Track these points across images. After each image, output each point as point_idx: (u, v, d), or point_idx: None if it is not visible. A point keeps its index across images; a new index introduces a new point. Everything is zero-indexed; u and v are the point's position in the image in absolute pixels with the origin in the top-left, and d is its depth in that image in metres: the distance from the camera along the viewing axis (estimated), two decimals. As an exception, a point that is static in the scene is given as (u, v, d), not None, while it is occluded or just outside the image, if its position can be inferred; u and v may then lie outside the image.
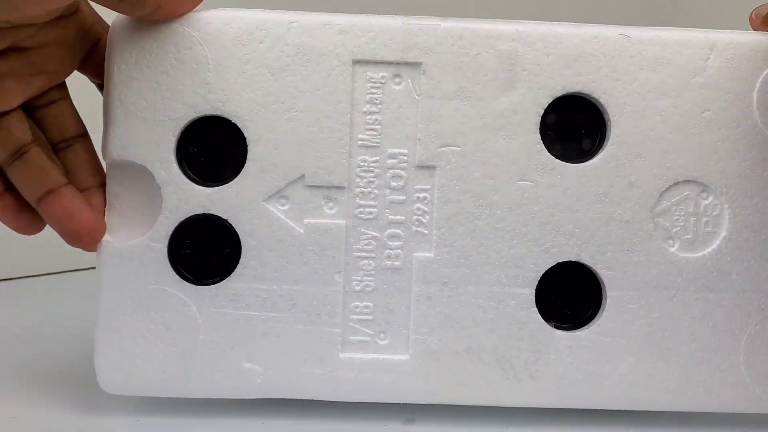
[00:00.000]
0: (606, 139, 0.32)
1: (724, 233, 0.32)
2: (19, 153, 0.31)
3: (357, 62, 0.31)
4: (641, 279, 0.32)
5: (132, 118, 0.31)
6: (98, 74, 0.33)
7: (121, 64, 0.31)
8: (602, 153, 0.32)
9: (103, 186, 0.33)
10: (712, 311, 0.32)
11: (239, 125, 0.31)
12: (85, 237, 0.31)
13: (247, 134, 0.31)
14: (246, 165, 0.31)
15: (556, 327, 0.32)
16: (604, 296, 0.32)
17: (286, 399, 0.32)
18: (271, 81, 0.31)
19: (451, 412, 0.33)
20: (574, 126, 0.32)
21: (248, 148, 0.31)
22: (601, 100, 0.32)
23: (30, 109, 0.32)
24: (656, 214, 0.32)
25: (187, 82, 0.31)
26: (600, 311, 0.32)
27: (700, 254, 0.32)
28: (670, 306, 0.32)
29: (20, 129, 0.31)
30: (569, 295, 0.32)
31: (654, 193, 0.32)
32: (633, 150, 0.32)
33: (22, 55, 0.30)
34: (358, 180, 0.32)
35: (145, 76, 0.31)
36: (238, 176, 0.31)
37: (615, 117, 0.32)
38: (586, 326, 0.32)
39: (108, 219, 0.32)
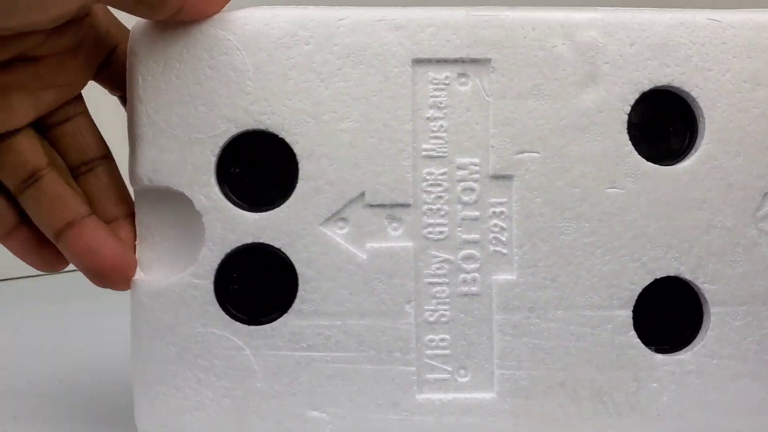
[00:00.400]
0: (699, 137, 0.28)
1: (834, 236, 0.29)
2: (32, 179, 0.27)
3: (417, 62, 0.28)
4: (747, 292, 0.28)
5: (163, 137, 0.27)
6: (117, 85, 0.29)
7: (146, 75, 0.27)
8: (697, 153, 0.28)
9: (131, 216, 0.28)
10: (827, 324, 0.28)
11: (287, 140, 0.27)
12: (112, 276, 0.27)
13: (297, 150, 0.27)
14: (297, 185, 0.27)
15: (656, 351, 0.28)
16: (706, 313, 0.28)
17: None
18: (321, 87, 0.27)
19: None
20: (660, 124, 0.29)
21: (299, 165, 0.27)
22: (693, 94, 0.28)
23: (43, 128, 0.28)
24: (759, 219, 0.28)
25: (224, 93, 0.27)
26: (702, 330, 0.28)
27: (810, 261, 0.28)
28: (781, 321, 0.28)
29: (32, 151, 0.27)
30: (666, 314, 0.29)
31: (756, 196, 0.28)
32: (730, 148, 0.28)
33: (30, 67, 0.26)
34: (424, 196, 0.28)
35: (175, 88, 0.27)
36: (290, 198, 0.27)
37: (709, 112, 0.28)
38: (689, 348, 0.28)
39: (138, 254, 0.28)
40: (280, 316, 0.27)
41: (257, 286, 0.27)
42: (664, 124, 0.29)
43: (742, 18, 0.28)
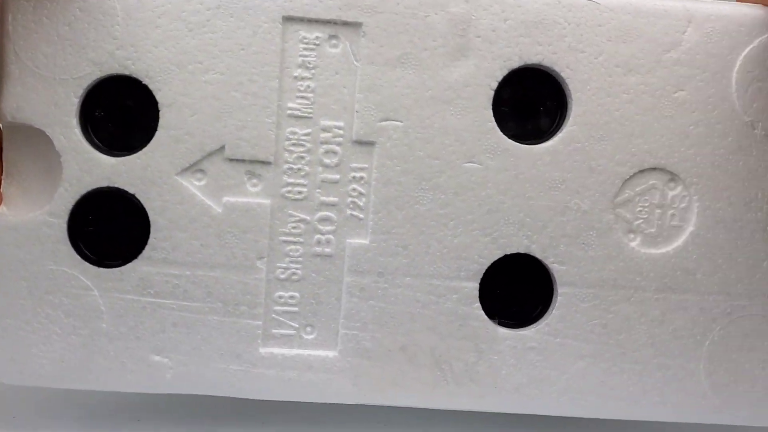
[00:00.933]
0: (565, 119, 0.28)
1: (691, 228, 0.29)
2: None
3: (288, 19, 0.27)
4: (597, 276, 0.29)
5: (29, 75, 0.27)
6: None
7: (17, 13, 0.27)
8: (560, 134, 0.28)
9: (-1, 151, 0.29)
10: (673, 314, 0.29)
11: (150, 87, 0.27)
12: None
13: (159, 97, 0.27)
14: (157, 133, 0.27)
15: (500, 324, 0.29)
16: (555, 293, 0.29)
17: (210, 396, 0.29)
18: (188, 37, 0.27)
19: (384, 412, 0.30)
20: (531, 102, 0.29)
21: (160, 113, 0.27)
22: (563, 74, 0.28)
23: None
24: (617, 205, 0.29)
25: (92, 36, 0.27)
26: (549, 309, 0.29)
27: (663, 251, 0.29)
28: (627, 307, 0.29)
29: None
30: (516, 291, 0.29)
31: (616, 181, 0.28)
32: (595, 132, 0.28)
33: None
34: (286, 155, 0.28)
35: (44, 28, 0.27)
36: (148, 145, 0.28)
37: (577, 94, 0.28)
38: (533, 325, 0.29)
39: (5, 189, 0.28)
40: (130, 261, 0.28)
41: (110, 229, 0.28)
42: (534, 104, 0.29)
43: (622, 2, 0.28)
